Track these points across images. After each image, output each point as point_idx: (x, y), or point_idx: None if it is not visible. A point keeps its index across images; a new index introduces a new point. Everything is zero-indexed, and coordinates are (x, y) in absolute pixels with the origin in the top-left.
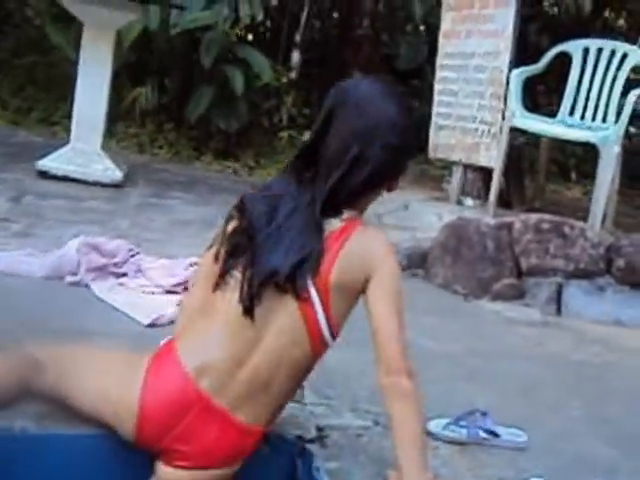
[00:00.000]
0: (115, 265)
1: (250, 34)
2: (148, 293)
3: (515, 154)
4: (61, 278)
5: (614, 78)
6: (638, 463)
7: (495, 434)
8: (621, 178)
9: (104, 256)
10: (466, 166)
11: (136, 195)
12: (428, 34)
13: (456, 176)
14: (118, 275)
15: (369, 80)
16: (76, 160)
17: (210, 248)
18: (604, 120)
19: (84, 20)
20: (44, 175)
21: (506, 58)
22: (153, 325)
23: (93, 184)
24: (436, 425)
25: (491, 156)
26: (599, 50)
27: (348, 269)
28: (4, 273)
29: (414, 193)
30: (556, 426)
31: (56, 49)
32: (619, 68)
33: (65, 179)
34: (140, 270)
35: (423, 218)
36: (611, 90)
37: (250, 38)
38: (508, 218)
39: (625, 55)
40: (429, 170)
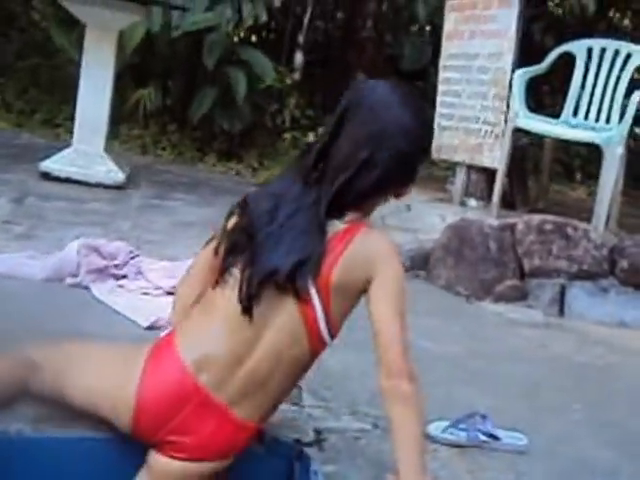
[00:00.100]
0: (115, 267)
1: (253, 35)
2: (148, 295)
3: (519, 155)
4: (61, 280)
5: (618, 78)
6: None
7: (495, 437)
8: (625, 179)
9: (104, 258)
10: (469, 167)
11: (138, 197)
12: (432, 35)
13: (459, 177)
14: (118, 277)
15: (386, 84)
16: (78, 162)
17: (209, 242)
18: (608, 120)
19: (86, 22)
20: (47, 177)
21: (509, 59)
22: (152, 327)
23: (95, 186)
24: (435, 428)
25: (494, 157)
26: (603, 50)
27: (350, 270)
28: (5, 275)
29: (417, 194)
30: (557, 429)
31: (60, 51)
32: (623, 68)
33: (68, 181)
34: (140, 272)
35: (426, 219)
36: (615, 90)
37: (253, 39)
38: (511, 219)
39: (629, 55)
40: (432, 171)
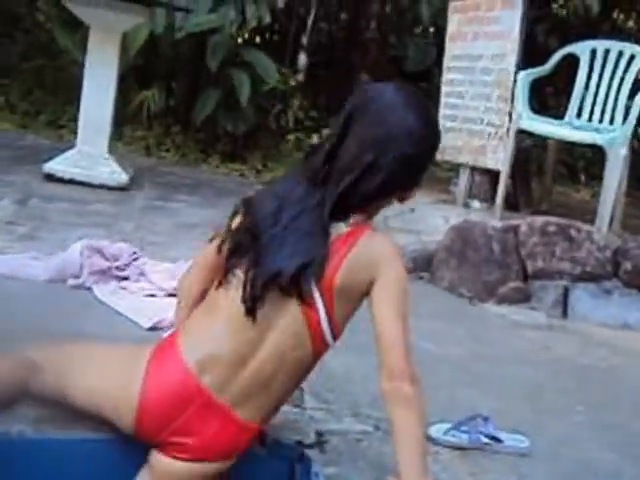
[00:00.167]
0: (117, 268)
1: (257, 37)
2: (150, 296)
3: (522, 156)
4: (64, 281)
5: (622, 79)
6: None
7: (497, 439)
8: (629, 180)
9: (107, 259)
10: (473, 168)
11: (142, 198)
12: (436, 36)
13: (463, 178)
14: (120, 278)
15: (393, 87)
16: (82, 163)
17: (211, 241)
18: (612, 122)
19: (90, 23)
20: (50, 178)
21: (513, 60)
22: (154, 328)
23: (99, 187)
24: (437, 430)
25: (498, 158)
26: (606, 51)
27: (354, 273)
28: (7, 276)
29: (421, 196)
30: (560, 431)
31: (64, 53)
32: (627, 69)
33: (71, 182)
34: (142, 273)
35: (429, 221)
36: (618, 91)
37: (257, 41)
38: (514, 221)
39: (633, 56)
40: (436, 172)
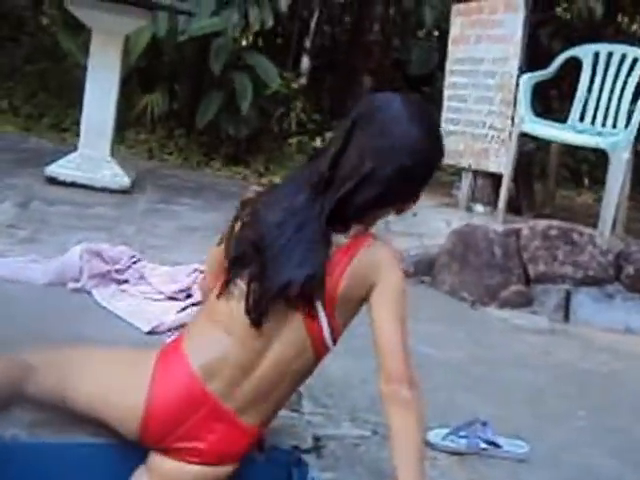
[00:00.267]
0: (117, 272)
1: (260, 40)
2: (150, 300)
3: (525, 160)
4: (64, 284)
5: (625, 83)
6: None
7: (495, 445)
8: (632, 184)
9: (107, 263)
10: (476, 172)
11: (144, 201)
12: (440, 40)
13: (465, 182)
14: (120, 282)
15: (402, 99)
16: (84, 166)
17: (220, 244)
18: (614, 126)
19: (92, 26)
20: (52, 181)
21: (515, 63)
22: (153, 332)
23: (101, 190)
24: (435, 435)
25: (500, 162)
26: (609, 55)
27: (354, 282)
28: (7, 279)
29: (423, 199)
30: (560, 436)
31: (68, 56)
32: (630, 73)
33: (73, 185)
34: (142, 277)
35: (431, 224)
36: (621, 95)
37: (261, 44)
38: (516, 225)
39: (636, 60)
40: (439, 176)
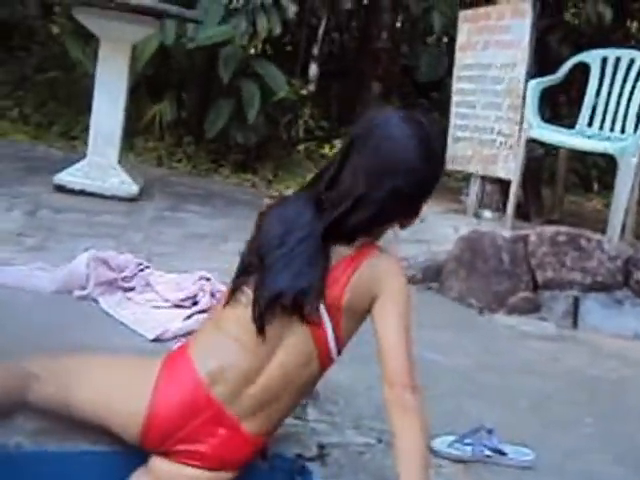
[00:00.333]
0: (123, 279)
1: (269, 47)
2: (156, 307)
3: (534, 165)
4: (70, 292)
5: (633, 88)
6: None
7: (501, 452)
8: None
9: (113, 270)
10: (484, 178)
11: (152, 209)
12: (449, 46)
13: (474, 188)
14: (126, 289)
15: (399, 118)
16: (92, 174)
17: None
18: (623, 131)
19: (100, 35)
20: (61, 189)
21: (523, 69)
22: (158, 340)
23: (109, 198)
24: (441, 442)
25: (509, 168)
26: (617, 60)
27: (359, 291)
28: (14, 287)
29: (432, 205)
30: (566, 444)
31: (77, 65)
32: (638, 78)
33: (82, 193)
34: (149, 284)
35: (439, 231)
36: (630, 100)
37: (269, 51)
38: (524, 231)
39: None
40: (447, 182)
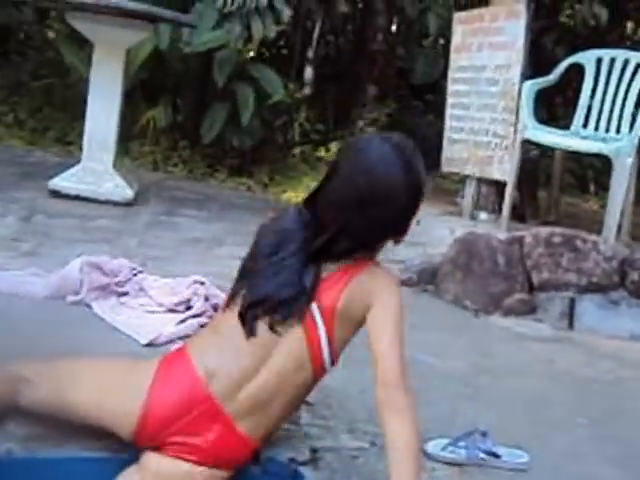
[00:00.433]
0: (117, 284)
1: (264, 50)
2: (149, 312)
3: (530, 167)
4: (64, 298)
5: (628, 88)
6: None
7: (495, 455)
8: (637, 189)
9: (107, 275)
10: (479, 180)
11: (147, 213)
12: (445, 48)
13: (469, 190)
14: (120, 294)
15: (380, 147)
16: (87, 179)
17: None
18: (618, 131)
19: (93, 39)
20: (56, 194)
21: (517, 71)
22: (151, 344)
23: (104, 203)
24: (435, 446)
25: (504, 169)
26: (612, 60)
27: (354, 299)
28: (7, 293)
29: (427, 208)
30: (561, 445)
31: (72, 70)
32: (633, 78)
33: (77, 198)
34: (142, 289)
35: (435, 233)
36: (625, 100)
37: (265, 54)
38: (519, 232)
39: (638, 65)
40: (443, 184)
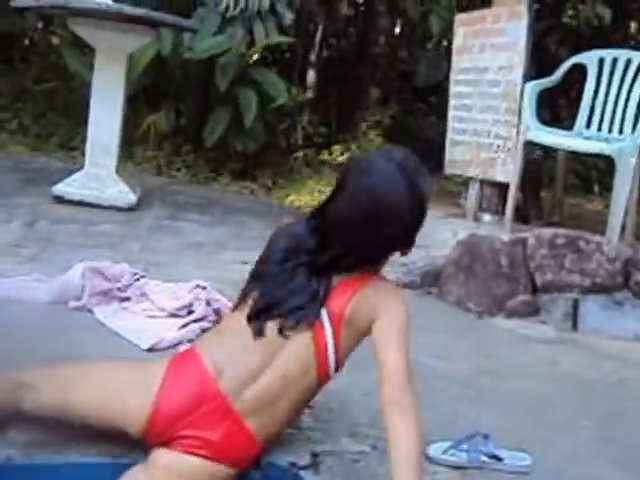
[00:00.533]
0: (119, 289)
1: (267, 54)
2: (151, 317)
3: (533, 168)
4: (66, 303)
5: (630, 88)
6: None
7: (497, 458)
8: None
9: (108, 280)
10: (483, 181)
11: (150, 218)
12: (448, 50)
13: (473, 192)
14: (122, 299)
15: (382, 166)
16: (90, 184)
17: None
18: (621, 131)
19: (95, 45)
20: (59, 200)
21: (520, 72)
22: (153, 349)
23: (108, 208)
24: (436, 449)
25: (507, 171)
26: (614, 60)
27: (360, 310)
28: (10, 299)
29: (431, 210)
30: (564, 448)
31: (76, 75)
32: (635, 78)
33: (80, 203)
34: (144, 294)
35: (438, 235)
36: (627, 101)
37: (268, 58)
38: (522, 234)
39: None
40: (446, 186)
